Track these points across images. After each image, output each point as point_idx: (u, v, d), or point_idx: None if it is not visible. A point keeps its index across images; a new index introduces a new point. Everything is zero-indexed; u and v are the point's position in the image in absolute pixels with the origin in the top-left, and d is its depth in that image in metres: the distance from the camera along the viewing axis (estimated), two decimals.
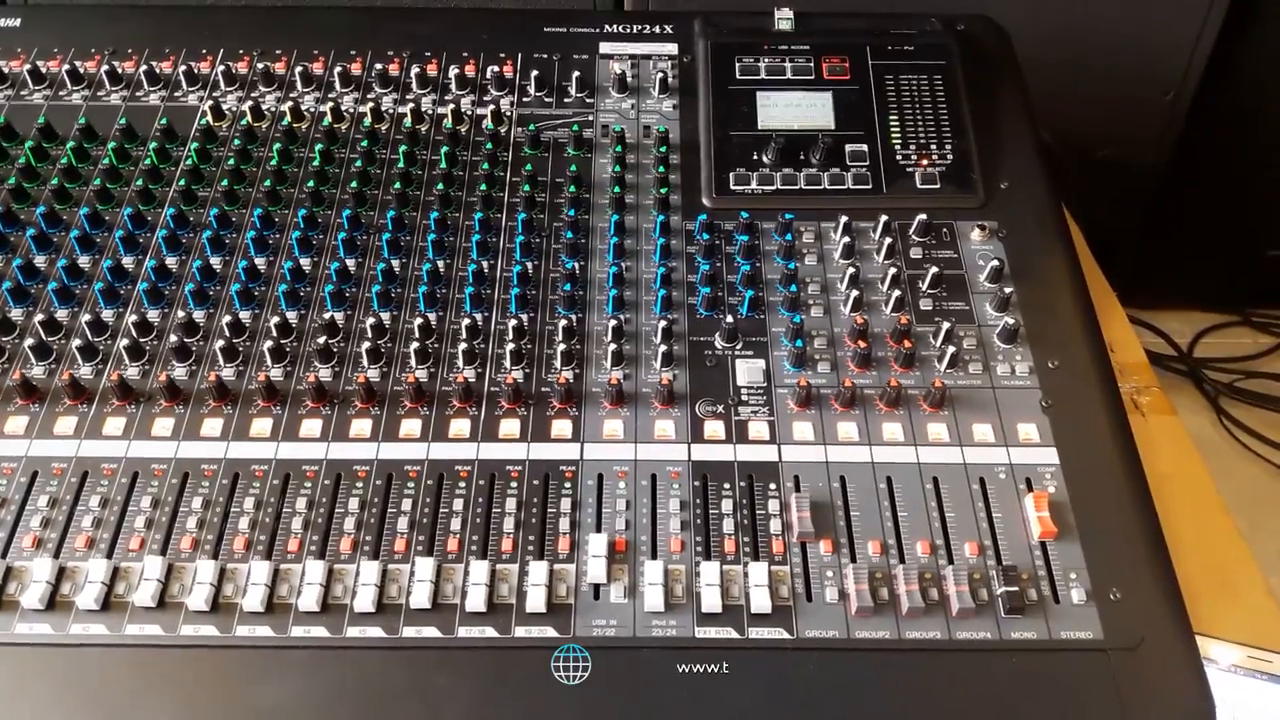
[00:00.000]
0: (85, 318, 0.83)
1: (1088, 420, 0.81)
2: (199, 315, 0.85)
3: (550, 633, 0.70)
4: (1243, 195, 1.60)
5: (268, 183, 0.92)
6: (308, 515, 0.74)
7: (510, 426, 0.79)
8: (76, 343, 0.81)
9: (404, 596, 0.71)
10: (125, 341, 0.82)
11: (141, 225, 0.90)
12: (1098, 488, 0.77)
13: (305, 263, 0.88)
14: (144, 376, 0.81)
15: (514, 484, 0.76)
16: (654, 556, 0.73)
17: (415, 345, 0.82)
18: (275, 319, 0.83)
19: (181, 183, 0.93)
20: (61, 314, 0.84)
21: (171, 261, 0.88)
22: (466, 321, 0.84)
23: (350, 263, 0.88)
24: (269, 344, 0.82)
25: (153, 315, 0.85)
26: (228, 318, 0.83)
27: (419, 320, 0.83)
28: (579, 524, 0.75)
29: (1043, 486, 0.77)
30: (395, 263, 0.88)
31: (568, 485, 0.76)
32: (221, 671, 0.68)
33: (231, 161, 0.94)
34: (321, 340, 0.82)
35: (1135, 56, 1.39)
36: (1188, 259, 1.72)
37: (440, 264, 0.88)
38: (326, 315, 0.85)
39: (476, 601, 0.70)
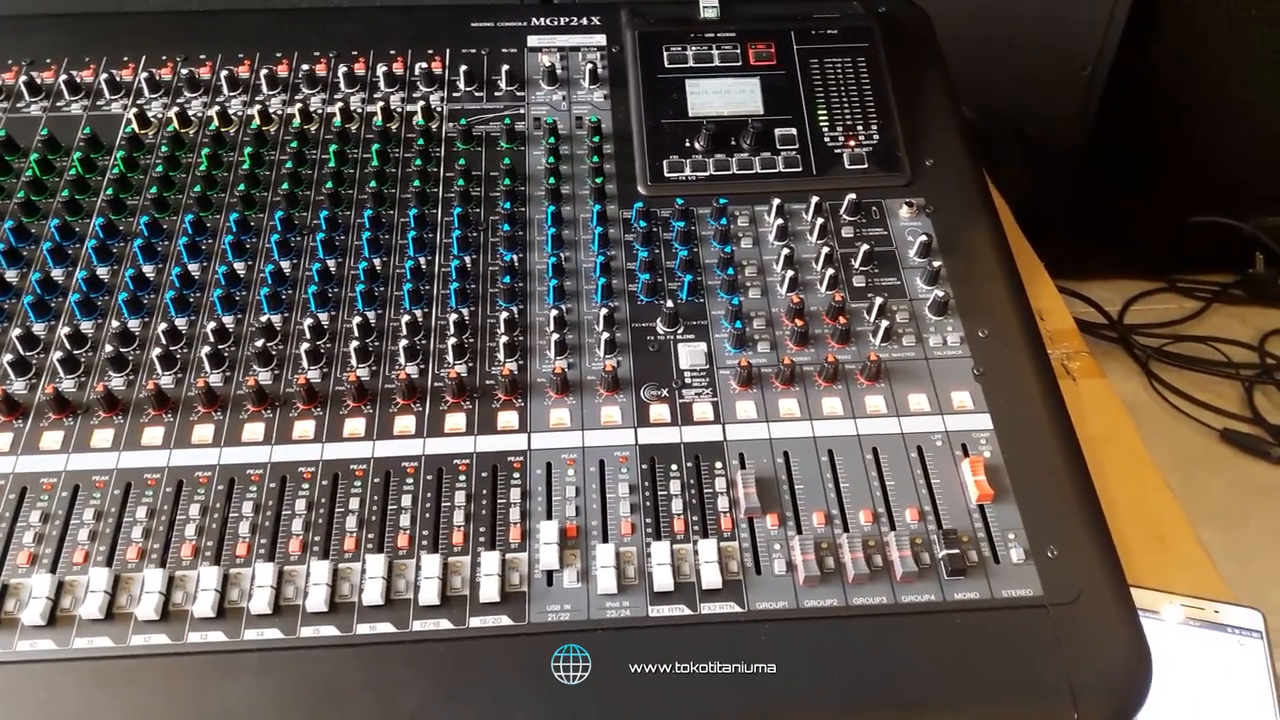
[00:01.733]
0: (16, 332, 0.81)
1: (1019, 386, 0.83)
2: (134, 324, 0.84)
3: (505, 621, 0.70)
4: (1163, 165, 1.65)
5: (197, 188, 0.92)
6: (254, 519, 0.74)
7: (456, 420, 0.80)
8: (8, 358, 0.80)
9: (356, 594, 0.71)
10: (59, 354, 0.80)
11: (70, 236, 0.89)
12: (1031, 450, 0.79)
13: (240, 267, 0.88)
14: (80, 388, 0.80)
15: (462, 477, 0.77)
16: (605, 540, 0.74)
17: (355, 344, 0.82)
18: (212, 324, 0.83)
19: (109, 192, 0.91)
20: None
21: (103, 272, 0.87)
22: (406, 318, 0.84)
23: (285, 265, 0.88)
24: (206, 350, 0.81)
25: (86, 326, 0.83)
26: (164, 325, 0.82)
27: (358, 319, 0.83)
28: (529, 513, 0.75)
29: (978, 451, 0.79)
30: (331, 262, 0.88)
31: (516, 475, 0.77)
32: (174, 679, 0.67)
33: (160, 168, 0.93)
34: (260, 343, 0.82)
35: (1051, 34, 1.43)
36: (1114, 229, 1.77)
37: (377, 262, 0.88)
38: (264, 318, 0.84)
39: (430, 595, 0.70)
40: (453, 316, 0.84)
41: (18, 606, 0.69)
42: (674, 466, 0.78)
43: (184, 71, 1.01)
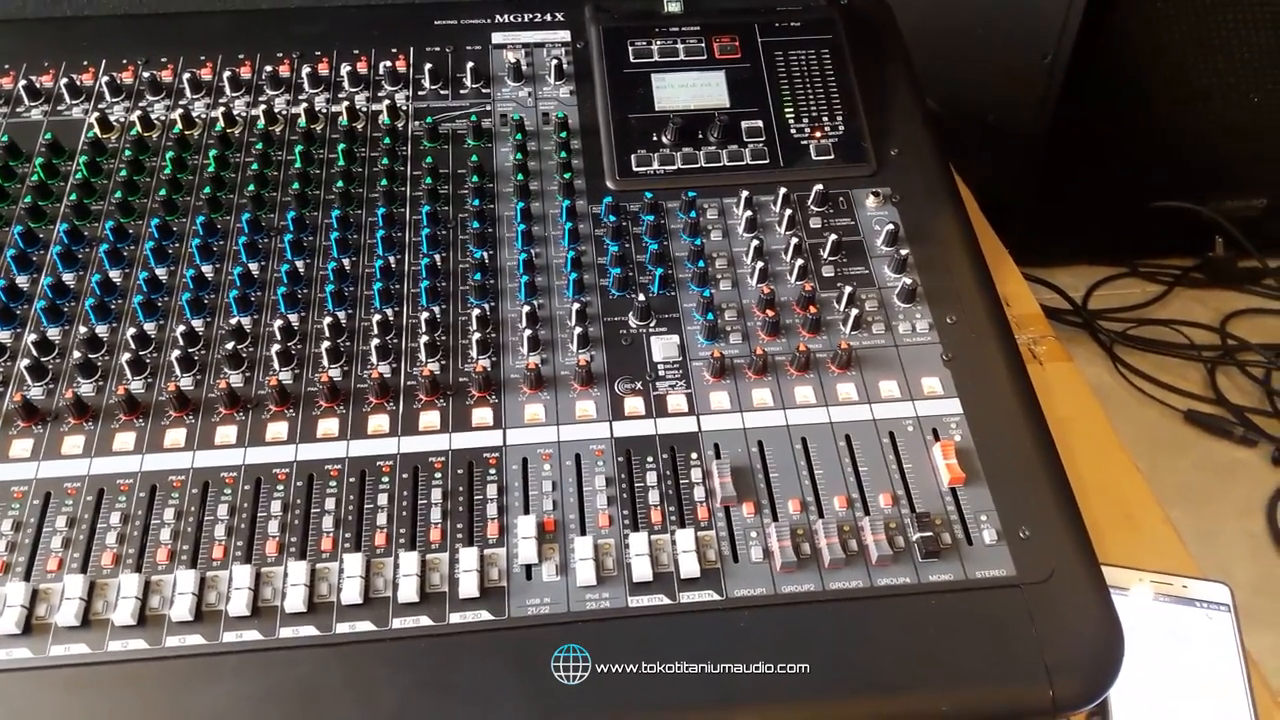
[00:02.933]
0: None
1: (987, 370, 0.84)
2: (102, 330, 0.83)
3: (485, 616, 0.70)
4: (1123, 150, 1.67)
5: (163, 192, 0.91)
6: (230, 521, 0.74)
7: (430, 418, 0.80)
8: None
9: (335, 594, 0.71)
10: (26, 361, 0.80)
11: (33, 243, 0.88)
12: (1001, 433, 0.81)
13: (207, 270, 0.87)
14: (49, 395, 0.79)
15: (438, 475, 0.77)
16: (583, 533, 0.74)
17: (327, 344, 0.82)
18: (181, 328, 0.82)
19: (73, 197, 0.90)
20: None
21: (69, 278, 0.86)
22: (377, 317, 0.83)
23: (254, 266, 0.87)
24: (177, 354, 0.80)
25: (53, 333, 0.82)
26: (132, 330, 0.82)
27: (328, 319, 0.83)
28: (507, 508, 0.75)
29: (949, 435, 0.80)
30: (300, 264, 0.88)
31: (492, 471, 0.77)
32: (153, 684, 0.67)
33: (124, 173, 0.92)
34: (230, 346, 0.81)
35: (1012, 22, 1.45)
36: (1077, 216, 1.79)
37: (346, 261, 0.88)
38: (233, 321, 0.83)
39: (409, 592, 0.70)
40: (424, 315, 0.84)
41: None
42: (650, 458, 0.78)
43: (146, 75, 1.00)
